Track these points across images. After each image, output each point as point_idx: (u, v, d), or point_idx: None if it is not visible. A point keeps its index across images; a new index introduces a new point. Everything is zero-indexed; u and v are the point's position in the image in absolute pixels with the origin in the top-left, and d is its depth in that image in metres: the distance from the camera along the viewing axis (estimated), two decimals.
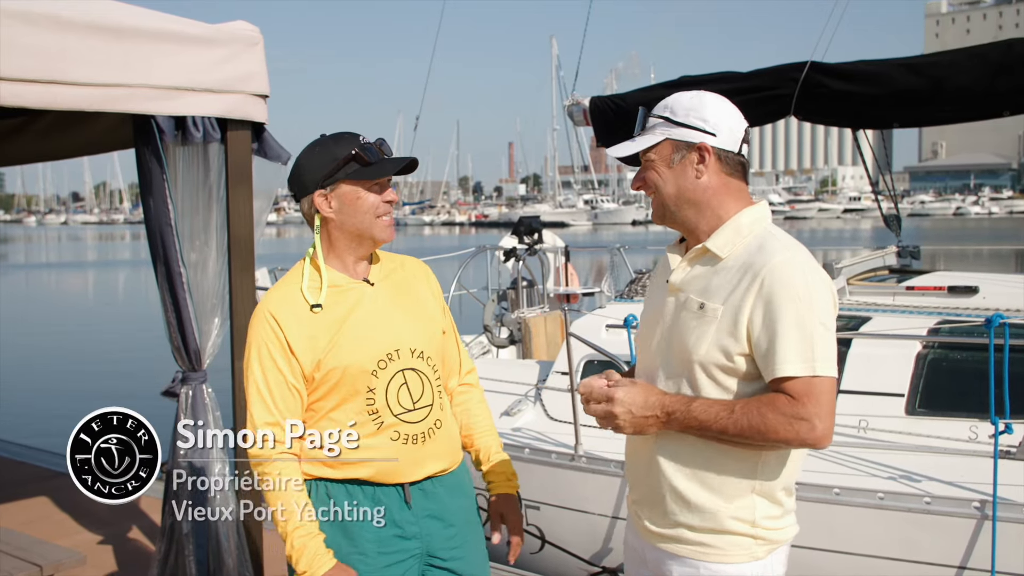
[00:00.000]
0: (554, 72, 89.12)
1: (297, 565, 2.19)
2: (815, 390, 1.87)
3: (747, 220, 2.04)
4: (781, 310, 1.90)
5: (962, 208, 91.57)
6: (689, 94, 2.08)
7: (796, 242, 2.01)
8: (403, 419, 2.28)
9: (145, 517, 4.94)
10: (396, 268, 2.43)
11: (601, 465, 4.65)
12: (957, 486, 3.94)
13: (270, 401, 2.23)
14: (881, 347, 4.59)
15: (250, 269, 3.67)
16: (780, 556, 2.07)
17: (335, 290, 2.28)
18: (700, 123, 2.03)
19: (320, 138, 2.33)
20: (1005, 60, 5.14)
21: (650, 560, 2.14)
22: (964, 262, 18.07)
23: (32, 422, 10.18)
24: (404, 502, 2.29)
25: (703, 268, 2.04)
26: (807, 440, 1.88)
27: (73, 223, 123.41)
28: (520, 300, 7.90)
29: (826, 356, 1.89)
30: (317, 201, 2.27)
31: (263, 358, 2.23)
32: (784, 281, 1.91)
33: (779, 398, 1.88)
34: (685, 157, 2.04)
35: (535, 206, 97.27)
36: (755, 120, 6.02)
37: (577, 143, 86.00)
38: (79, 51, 3.11)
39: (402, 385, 2.28)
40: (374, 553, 2.26)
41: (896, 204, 6.87)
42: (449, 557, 2.35)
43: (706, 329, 1.98)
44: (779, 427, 1.87)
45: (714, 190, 2.05)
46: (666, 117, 2.06)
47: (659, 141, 2.06)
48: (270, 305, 2.26)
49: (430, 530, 2.32)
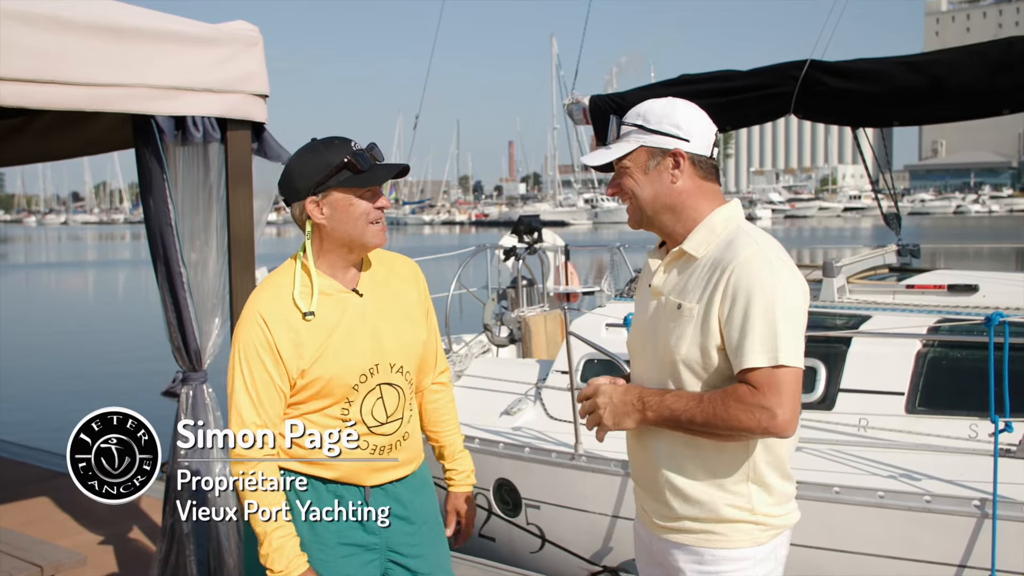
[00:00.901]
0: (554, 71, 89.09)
1: (273, 565, 2.21)
2: (776, 379, 1.91)
3: (719, 219, 2.09)
4: (746, 303, 1.95)
5: (962, 206, 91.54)
6: (661, 101, 2.13)
7: (766, 236, 2.08)
8: (374, 431, 2.32)
9: (145, 517, 4.94)
10: (385, 273, 2.43)
11: (601, 464, 4.65)
12: (957, 484, 3.95)
13: (256, 402, 2.24)
14: (881, 346, 4.59)
15: (250, 269, 3.67)
16: (782, 540, 2.12)
17: (324, 298, 2.28)
18: (674, 129, 2.09)
19: (311, 143, 2.31)
20: (1005, 58, 5.14)
21: (656, 550, 2.18)
22: (964, 260, 18.09)
23: (32, 422, 10.19)
24: (364, 499, 2.33)
25: (680, 269, 2.10)
26: (769, 428, 1.92)
27: (73, 223, 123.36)
28: (520, 299, 7.90)
29: (790, 347, 1.93)
30: (309, 208, 2.26)
31: (251, 359, 2.24)
32: (750, 274, 1.96)
33: (741, 388, 1.93)
34: (660, 163, 2.10)
35: (535, 205, 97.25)
36: (755, 118, 6.03)
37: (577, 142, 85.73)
38: (79, 51, 3.11)
39: (378, 399, 2.31)
40: (334, 543, 2.29)
41: (896, 202, 6.87)
42: (409, 555, 2.39)
43: (685, 329, 2.03)
44: (741, 416, 1.91)
45: (689, 193, 2.10)
46: (640, 125, 2.11)
47: (634, 148, 2.11)
48: (260, 307, 2.26)
49: (390, 527, 2.35)
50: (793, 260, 2.08)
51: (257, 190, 3.63)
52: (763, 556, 2.06)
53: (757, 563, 2.06)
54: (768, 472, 2.06)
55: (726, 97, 5.72)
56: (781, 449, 2.08)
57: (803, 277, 2.05)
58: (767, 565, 2.07)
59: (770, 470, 2.06)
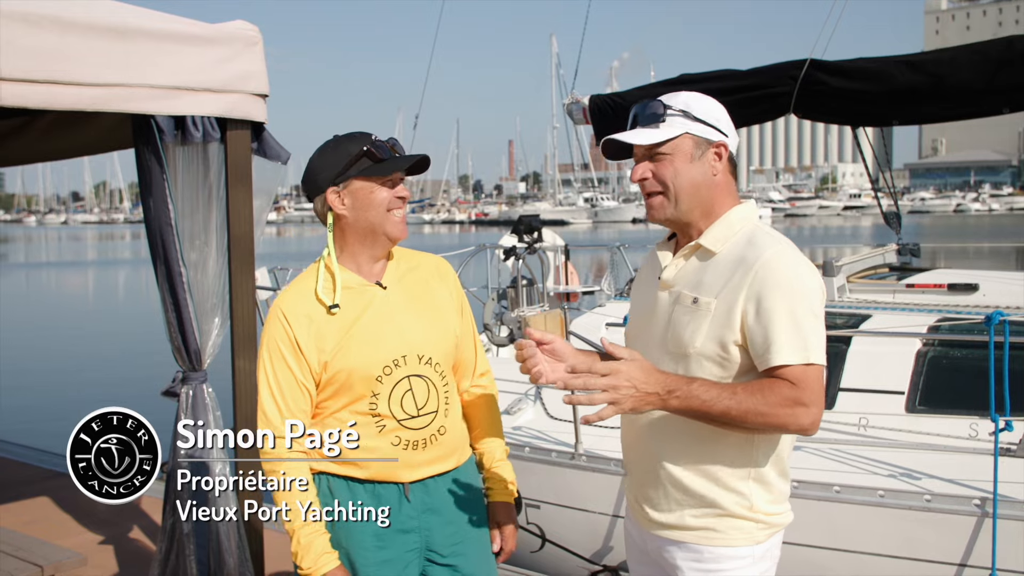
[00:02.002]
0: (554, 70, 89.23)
1: (301, 563, 2.21)
2: (810, 377, 1.92)
3: (737, 216, 2.09)
4: (774, 302, 1.94)
5: (962, 205, 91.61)
6: (697, 94, 2.12)
7: (783, 236, 2.07)
8: (405, 425, 2.28)
9: (146, 517, 4.93)
10: (412, 268, 2.42)
11: (601, 463, 4.65)
12: (957, 484, 3.95)
13: (280, 399, 2.25)
14: (881, 345, 4.59)
15: (250, 268, 3.67)
16: (778, 539, 2.12)
17: (347, 292, 2.29)
18: (716, 123, 2.09)
19: (332, 138, 2.34)
20: (1005, 57, 5.14)
21: (651, 549, 2.16)
22: (964, 259, 18.08)
23: (32, 422, 10.18)
24: (403, 496, 2.30)
25: (695, 263, 2.09)
26: (803, 424, 1.92)
27: (73, 223, 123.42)
28: (520, 299, 7.89)
29: (817, 345, 1.95)
30: (330, 198, 2.28)
31: (274, 356, 2.26)
32: (776, 274, 1.96)
33: (780, 383, 1.92)
34: (705, 153, 2.08)
35: (535, 204, 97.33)
36: (755, 118, 6.02)
37: (577, 141, 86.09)
38: (79, 51, 3.11)
39: (407, 392, 2.29)
40: (372, 547, 2.27)
41: (896, 201, 6.88)
42: (449, 553, 2.35)
43: (700, 323, 2.01)
44: (780, 411, 1.90)
45: (720, 188, 2.10)
46: (685, 111, 2.08)
47: (679, 134, 2.07)
48: (283, 303, 2.29)
49: (429, 525, 2.32)
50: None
51: (257, 190, 3.62)
52: (761, 555, 2.06)
53: (755, 561, 2.06)
54: (769, 470, 2.06)
55: (726, 97, 5.66)
56: (783, 447, 2.08)
57: (820, 276, 2.06)
58: (764, 564, 2.07)
59: (771, 468, 2.06)
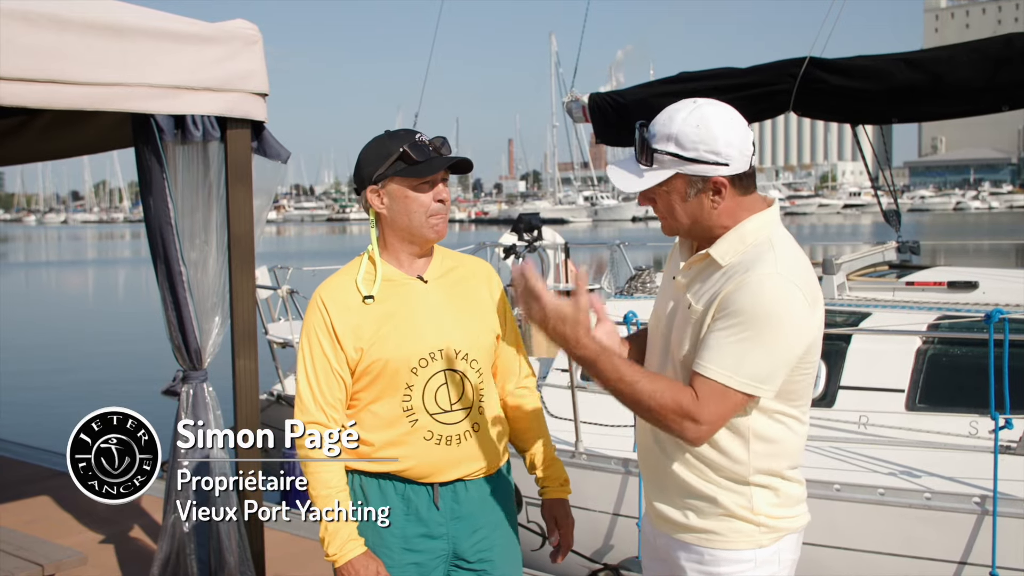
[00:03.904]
0: (553, 69, 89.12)
1: (328, 548, 2.23)
2: (717, 399, 1.89)
3: (751, 227, 2.00)
4: (730, 320, 1.89)
5: (962, 203, 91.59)
6: (691, 120, 1.95)
7: (793, 258, 1.96)
8: (438, 419, 2.28)
9: (146, 516, 4.93)
10: (455, 267, 2.42)
11: (602, 462, 4.65)
12: (957, 481, 3.95)
13: (316, 389, 2.27)
14: (881, 343, 4.59)
15: (250, 267, 3.67)
16: (788, 544, 2.07)
17: (387, 284, 2.30)
18: (712, 156, 1.94)
19: (383, 133, 2.35)
20: (1004, 55, 5.14)
21: (661, 547, 2.17)
22: (964, 257, 18.07)
23: (32, 422, 10.18)
24: (432, 503, 2.30)
25: (703, 269, 2.04)
26: (686, 437, 1.92)
27: (73, 222, 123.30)
28: None
29: (751, 375, 1.88)
30: (370, 197, 2.30)
31: (312, 344, 2.28)
32: (747, 296, 1.89)
33: (686, 391, 1.90)
34: (701, 192, 1.98)
35: (535, 203, 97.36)
36: (754, 116, 6.01)
37: (577, 140, 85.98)
38: (78, 50, 3.10)
39: (442, 385, 2.29)
40: (399, 549, 2.28)
41: (896, 199, 6.87)
42: (477, 560, 2.34)
43: (689, 329, 2.00)
44: (668, 415, 1.90)
45: (729, 212, 2.00)
46: (676, 154, 1.95)
47: (670, 176, 1.98)
48: (323, 292, 2.31)
49: (457, 532, 2.32)
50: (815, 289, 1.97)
51: (257, 189, 3.62)
52: (765, 559, 2.03)
53: (758, 566, 2.02)
54: (771, 474, 2.03)
55: (725, 95, 5.67)
56: (788, 453, 2.05)
57: (818, 315, 1.95)
58: (769, 568, 2.03)
59: (774, 472, 2.03)
